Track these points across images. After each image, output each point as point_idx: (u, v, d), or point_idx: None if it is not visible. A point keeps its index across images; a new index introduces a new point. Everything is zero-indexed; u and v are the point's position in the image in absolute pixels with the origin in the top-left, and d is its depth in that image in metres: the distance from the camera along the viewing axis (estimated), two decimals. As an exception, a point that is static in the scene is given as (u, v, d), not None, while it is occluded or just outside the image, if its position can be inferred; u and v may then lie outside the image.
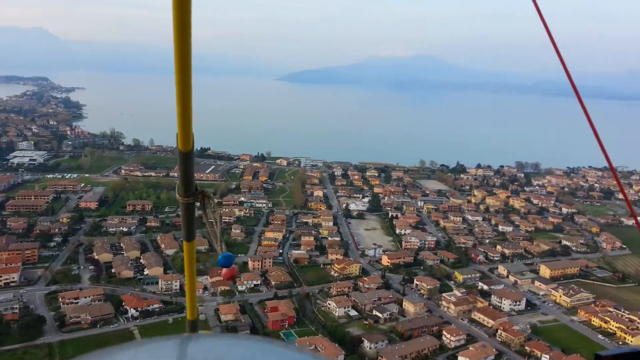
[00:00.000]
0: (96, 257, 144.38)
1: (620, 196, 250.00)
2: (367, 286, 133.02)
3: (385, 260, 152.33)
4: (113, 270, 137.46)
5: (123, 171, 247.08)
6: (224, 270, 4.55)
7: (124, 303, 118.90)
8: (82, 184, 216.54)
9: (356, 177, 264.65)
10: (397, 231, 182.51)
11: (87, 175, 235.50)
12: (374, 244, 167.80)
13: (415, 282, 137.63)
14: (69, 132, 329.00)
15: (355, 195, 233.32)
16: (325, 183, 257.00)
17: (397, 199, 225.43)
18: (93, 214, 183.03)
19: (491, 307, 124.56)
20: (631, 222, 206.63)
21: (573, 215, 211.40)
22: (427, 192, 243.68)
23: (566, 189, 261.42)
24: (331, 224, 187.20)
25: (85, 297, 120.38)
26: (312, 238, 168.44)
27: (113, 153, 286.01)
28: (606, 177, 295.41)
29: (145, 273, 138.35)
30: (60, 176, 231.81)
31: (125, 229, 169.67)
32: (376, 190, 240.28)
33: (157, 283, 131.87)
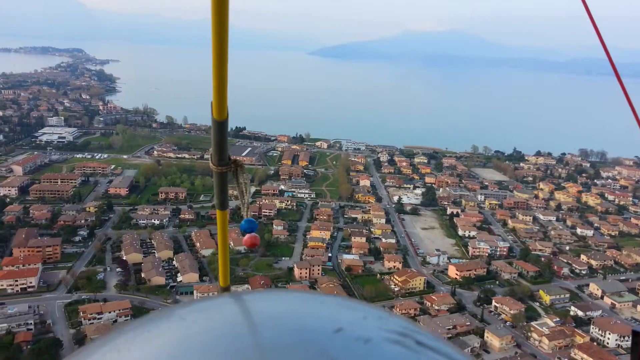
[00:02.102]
0: (124, 258, 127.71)
1: None
2: (436, 307, 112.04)
3: (452, 272, 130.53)
4: (143, 275, 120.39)
5: (155, 152, 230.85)
6: (246, 236, 4.33)
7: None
8: (113, 166, 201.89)
9: (404, 163, 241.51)
10: (460, 232, 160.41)
11: (118, 156, 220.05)
12: (437, 250, 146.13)
13: (494, 303, 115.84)
14: (101, 107, 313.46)
15: (405, 185, 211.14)
16: (370, 170, 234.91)
17: (454, 191, 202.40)
18: (123, 202, 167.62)
19: (594, 343, 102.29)
20: None
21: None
22: (486, 183, 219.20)
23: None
24: (383, 220, 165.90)
25: (110, 312, 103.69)
26: (364, 239, 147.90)
27: (145, 131, 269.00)
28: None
29: (178, 280, 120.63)
30: (89, 156, 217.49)
31: (157, 222, 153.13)
32: (428, 179, 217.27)
33: (192, 293, 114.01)
